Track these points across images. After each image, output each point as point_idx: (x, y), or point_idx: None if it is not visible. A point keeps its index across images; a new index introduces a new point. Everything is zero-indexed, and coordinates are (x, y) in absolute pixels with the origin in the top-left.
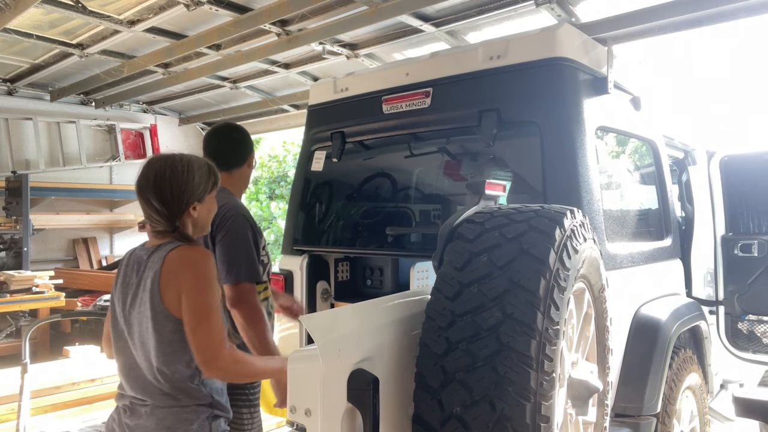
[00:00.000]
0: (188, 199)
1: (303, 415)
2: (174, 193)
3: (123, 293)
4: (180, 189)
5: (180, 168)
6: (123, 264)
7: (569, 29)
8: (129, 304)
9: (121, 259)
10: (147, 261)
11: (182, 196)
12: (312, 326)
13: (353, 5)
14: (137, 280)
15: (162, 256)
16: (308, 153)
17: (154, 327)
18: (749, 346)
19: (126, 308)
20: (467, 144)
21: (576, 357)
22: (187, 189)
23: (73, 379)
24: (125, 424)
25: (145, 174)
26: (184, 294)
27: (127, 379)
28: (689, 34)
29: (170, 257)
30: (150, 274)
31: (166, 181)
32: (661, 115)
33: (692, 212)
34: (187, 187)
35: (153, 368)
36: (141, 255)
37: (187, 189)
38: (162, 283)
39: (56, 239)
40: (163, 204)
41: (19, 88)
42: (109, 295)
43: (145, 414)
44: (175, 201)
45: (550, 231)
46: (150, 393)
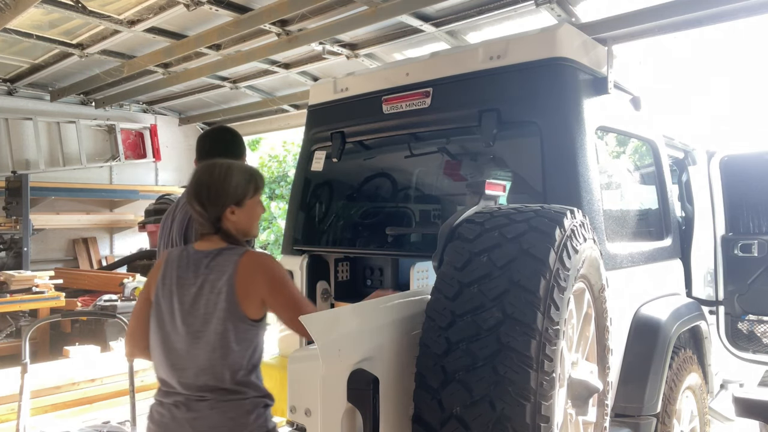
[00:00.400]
0: (223, 203)
1: (303, 415)
2: (211, 197)
3: (179, 294)
4: (216, 193)
5: (217, 173)
6: (171, 264)
7: (569, 29)
8: (189, 304)
9: (166, 260)
10: (210, 263)
11: (218, 200)
12: (312, 326)
13: (353, 5)
14: (199, 281)
15: (234, 261)
16: (308, 153)
17: (224, 327)
18: (749, 346)
19: (184, 308)
20: (467, 144)
21: (576, 357)
22: (223, 193)
23: (73, 379)
24: (183, 419)
25: (191, 180)
26: (269, 295)
27: (181, 377)
28: (690, 33)
29: (243, 262)
30: (219, 276)
31: (203, 186)
32: (661, 115)
33: (692, 212)
34: (223, 192)
35: (218, 366)
36: (198, 257)
37: (222, 193)
38: (238, 286)
39: (56, 239)
40: (202, 207)
41: (19, 88)
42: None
43: (205, 408)
44: (212, 204)
45: (550, 231)
46: (211, 389)
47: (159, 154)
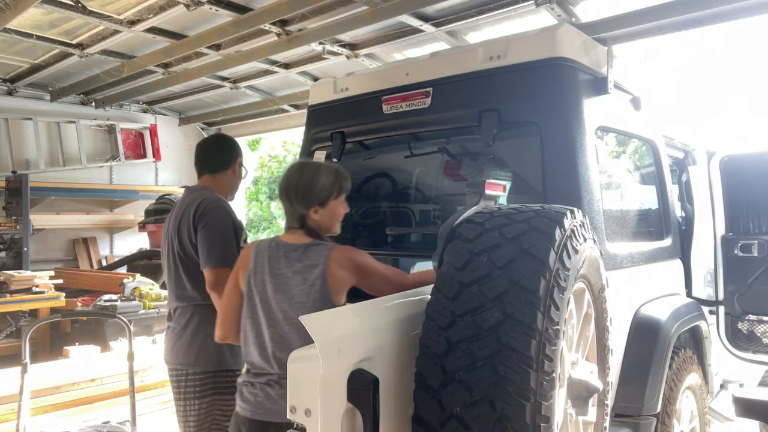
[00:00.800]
0: (309, 202)
1: (303, 415)
2: (298, 196)
3: (273, 283)
4: (304, 192)
5: (306, 173)
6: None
7: (569, 29)
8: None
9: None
10: (301, 256)
11: (304, 199)
12: (312, 326)
13: (353, 5)
14: (291, 271)
15: (324, 255)
16: (308, 153)
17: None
18: (749, 346)
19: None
20: (467, 144)
21: (576, 357)
22: (308, 194)
23: (73, 379)
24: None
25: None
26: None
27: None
28: (690, 33)
29: (333, 257)
30: (311, 269)
31: (292, 184)
32: (661, 115)
33: (692, 212)
34: (310, 191)
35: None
36: (288, 249)
37: (309, 193)
38: (330, 279)
39: (56, 239)
40: (290, 204)
41: (19, 88)
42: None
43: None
44: (300, 202)
45: (550, 231)
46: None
47: (159, 154)
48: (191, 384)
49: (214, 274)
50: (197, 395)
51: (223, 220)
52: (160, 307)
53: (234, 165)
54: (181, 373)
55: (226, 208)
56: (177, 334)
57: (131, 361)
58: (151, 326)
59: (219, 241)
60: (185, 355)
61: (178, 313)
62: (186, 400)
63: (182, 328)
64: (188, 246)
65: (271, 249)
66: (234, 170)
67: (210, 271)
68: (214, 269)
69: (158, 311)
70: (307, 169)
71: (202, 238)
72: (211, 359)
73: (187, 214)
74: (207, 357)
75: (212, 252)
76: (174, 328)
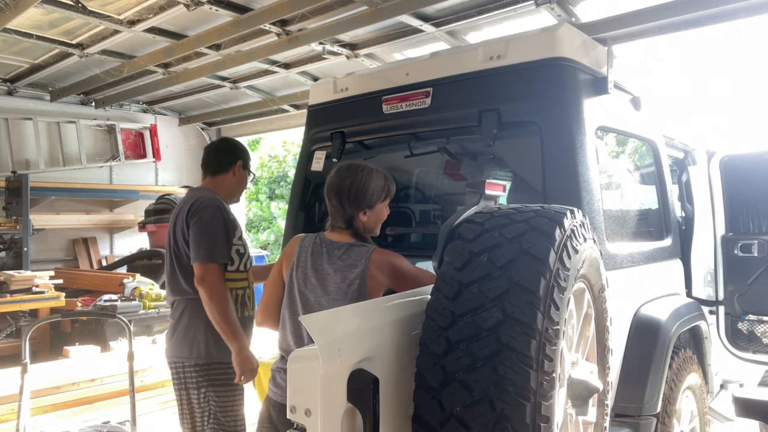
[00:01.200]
0: (359, 205)
1: (303, 415)
2: (351, 197)
3: (315, 276)
4: (357, 194)
5: (360, 177)
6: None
7: (569, 29)
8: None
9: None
10: (343, 255)
11: (355, 202)
12: (312, 326)
13: (353, 5)
14: (332, 268)
15: (365, 257)
16: (308, 153)
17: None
18: (749, 346)
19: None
20: (467, 144)
21: (576, 357)
22: (361, 196)
23: (73, 379)
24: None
25: (334, 178)
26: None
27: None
28: (690, 33)
29: (373, 259)
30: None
31: (345, 186)
32: (661, 115)
33: (692, 212)
34: (362, 194)
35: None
36: (331, 247)
37: (360, 196)
38: (369, 280)
39: (56, 239)
40: (341, 205)
41: (19, 88)
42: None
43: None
44: (351, 204)
45: (550, 231)
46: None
47: (159, 154)
48: (188, 376)
49: (202, 269)
50: (194, 386)
51: (213, 217)
52: (160, 307)
53: (234, 168)
54: (178, 365)
55: (219, 206)
56: (172, 328)
57: (131, 361)
58: (151, 326)
59: (207, 237)
60: (180, 348)
61: (174, 306)
62: (185, 391)
63: (176, 322)
64: (182, 242)
65: (315, 245)
66: (234, 173)
67: (198, 265)
68: (202, 264)
69: (158, 311)
70: (361, 172)
71: (192, 234)
72: (200, 352)
73: (183, 211)
74: (197, 350)
75: (200, 247)
76: (171, 322)
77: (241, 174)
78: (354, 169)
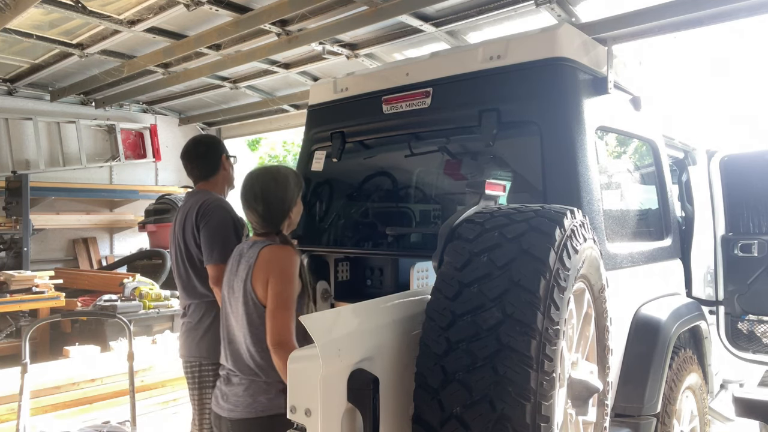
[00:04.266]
0: (288, 206)
1: (303, 415)
2: (279, 203)
3: (229, 280)
4: (282, 198)
5: (282, 180)
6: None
7: (569, 29)
8: (233, 289)
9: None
10: (246, 254)
11: (284, 204)
12: (312, 326)
13: (353, 5)
14: (237, 269)
15: (256, 252)
16: (308, 153)
17: (245, 311)
18: (749, 346)
19: (231, 293)
20: (467, 144)
21: (576, 357)
22: (287, 197)
23: (73, 379)
24: (222, 391)
25: (251, 186)
26: (270, 283)
27: (228, 353)
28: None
29: (263, 253)
30: (245, 265)
31: (271, 193)
32: (661, 115)
33: (692, 212)
34: (287, 196)
35: (244, 346)
36: (243, 248)
37: (286, 197)
38: (254, 274)
39: (56, 239)
40: (270, 212)
41: (19, 88)
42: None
43: (236, 383)
44: (280, 209)
45: (550, 231)
46: (240, 366)
47: (159, 154)
48: (204, 374)
49: (217, 270)
50: (210, 384)
51: (223, 218)
52: (160, 307)
53: (221, 165)
54: (194, 364)
55: (226, 207)
56: (191, 329)
57: (131, 361)
58: (151, 326)
59: (219, 239)
60: (197, 348)
61: (192, 309)
62: (200, 389)
63: (197, 323)
64: (193, 246)
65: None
66: (224, 167)
67: (212, 267)
68: (216, 266)
69: (158, 311)
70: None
71: (204, 236)
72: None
73: (191, 216)
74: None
75: (213, 249)
76: (188, 323)
77: (228, 164)
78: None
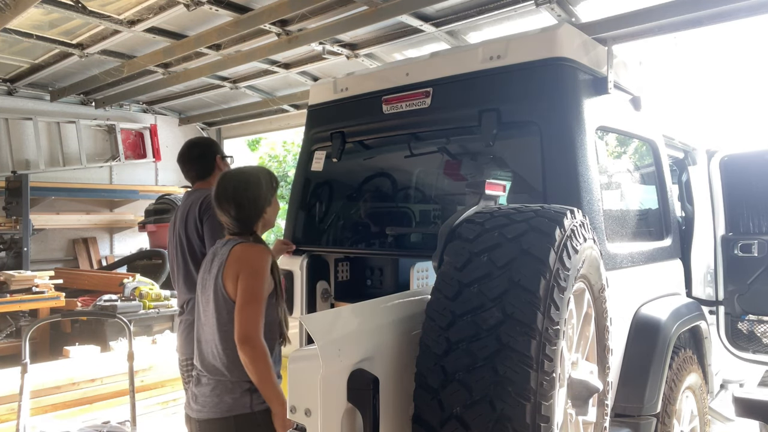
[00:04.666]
0: (262, 206)
1: (303, 415)
2: (251, 204)
3: (203, 279)
4: (254, 199)
5: (254, 181)
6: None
7: (569, 29)
8: (205, 287)
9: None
10: (219, 252)
11: (256, 205)
12: (312, 326)
13: (353, 5)
14: (210, 267)
15: (228, 250)
16: (308, 153)
17: (215, 308)
18: (749, 346)
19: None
20: (467, 144)
21: (576, 357)
22: (259, 197)
23: (73, 379)
24: (193, 392)
25: (223, 189)
26: (240, 278)
27: (197, 354)
28: (689, 34)
29: (234, 250)
30: (217, 263)
31: (243, 195)
32: (661, 115)
33: (692, 212)
34: (259, 196)
35: (212, 344)
36: (216, 247)
37: (259, 198)
38: (225, 271)
39: (56, 239)
40: (243, 213)
41: (19, 88)
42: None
43: (205, 383)
44: (253, 209)
45: (550, 231)
46: (208, 366)
47: (159, 154)
48: None
49: None
50: None
51: None
52: (160, 307)
53: (216, 165)
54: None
55: None
56: (190, 325)
57: (131, 361)
58: (151, 326)
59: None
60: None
61: (191, 306)
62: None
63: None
64: (195, 239)
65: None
66: (219, 168)
67: None
68: None
69: (158, 311)
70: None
71: (207, 228)
72: None
73: (193, 210)
74: None
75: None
76: (187, 320)
77: (224, 164)
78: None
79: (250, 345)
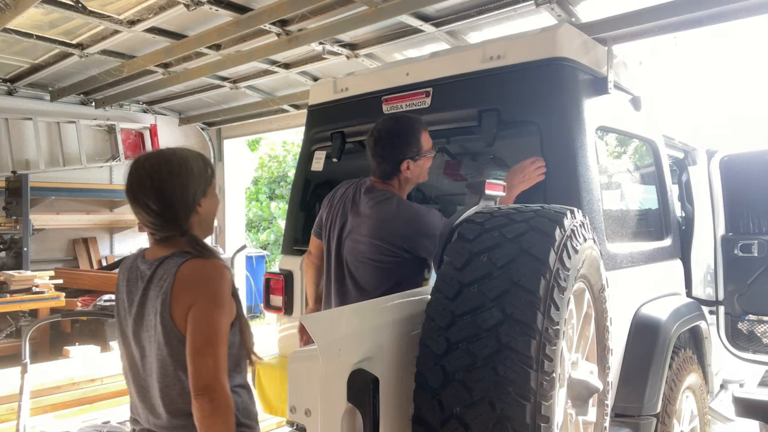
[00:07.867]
0: (194, 196)
1: (303, 415)
2: (178, 192)
3: (129, 312)
4: (183, 186)
5: (176, 163)
6: (123, 279)
7: (569, 29)
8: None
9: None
10: (152, 276)
11: (187, 194)
12: (312, 326)
13: (353, 5)
14: (142, 298)
15: (172, 272)
16: (308, 153)
17: (169, 353)
18: (749, 346)
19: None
20: (467, 144)
21: (576, 357)
22: (191, 184)
23: (73, 379)
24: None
25: (137, 176)
26: (194, 310)
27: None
28: (689, 34)
29: (182, 272)
30: (158, 293)
31: (166, 181)
32: (661, 115)
33: (692, 212)
34: (191, 183)
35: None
36: (143, 269)
37: (190, 184)
38: (173, 302)
39: (56, 239)
40: (167, 206)
41: (19, 88)
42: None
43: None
44: (181, 200)
45: (550, 231)
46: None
47: None
48: None
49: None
50: None
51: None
52: None
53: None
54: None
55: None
56: None
57: None
58: None
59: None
60: None
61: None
62: None
63: None
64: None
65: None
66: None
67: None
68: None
69: None
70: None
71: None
72: None
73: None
74: None
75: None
76: None
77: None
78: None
79: (208, 396)
